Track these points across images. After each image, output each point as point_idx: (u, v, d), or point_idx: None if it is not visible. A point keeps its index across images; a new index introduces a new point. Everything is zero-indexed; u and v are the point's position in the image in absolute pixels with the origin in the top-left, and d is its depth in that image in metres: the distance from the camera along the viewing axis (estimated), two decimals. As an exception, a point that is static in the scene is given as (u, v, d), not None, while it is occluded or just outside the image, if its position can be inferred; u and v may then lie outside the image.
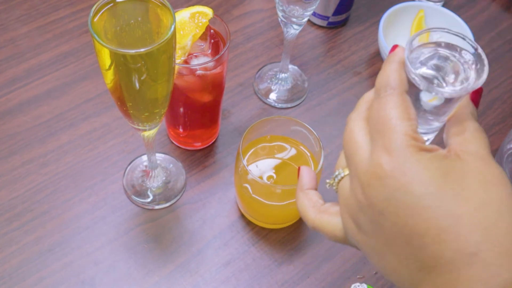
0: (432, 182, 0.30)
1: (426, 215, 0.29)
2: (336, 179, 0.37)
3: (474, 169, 0.31)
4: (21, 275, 0.56)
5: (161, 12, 0.44)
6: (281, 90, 0.74)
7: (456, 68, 0.37)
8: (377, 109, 0.34)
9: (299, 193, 0.41)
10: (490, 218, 0.29)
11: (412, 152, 0.31)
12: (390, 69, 0.35)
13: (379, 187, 0.31)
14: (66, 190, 0.63)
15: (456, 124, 0.35)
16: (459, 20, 0.76)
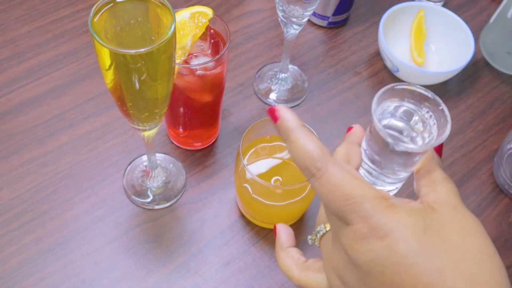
0: (414, 239, 0.31)
1: (412, 272, 0.30)
2: (318, 235, 0.38)
3: (449, 219, 0.33)
4: (21, 275, 0.56)
5: (161, 12, 0.44)
6: (281, 90, 0.74)
7: (423, 118, 0.39)
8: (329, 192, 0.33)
9: (279, 252, 0.42)
10: (471, 267, 0.31)
11: (389, 213, 0.32)
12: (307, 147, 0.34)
13: (363, 250, 0.32)
14: (66, 190, 0.63)
15: (425, 176, 0.36)
16: (459, 20, 0.76)
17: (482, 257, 0.31)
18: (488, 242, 0.33)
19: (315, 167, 0.33)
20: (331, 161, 0.33)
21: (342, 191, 0.32)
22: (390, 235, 0.31)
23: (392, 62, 0.73)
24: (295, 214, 0.61)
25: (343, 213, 0.32)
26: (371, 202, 0.32)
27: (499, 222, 0.65)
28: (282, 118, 0.35)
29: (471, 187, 0.67)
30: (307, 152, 0.34)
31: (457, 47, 0.76)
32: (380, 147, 0.38)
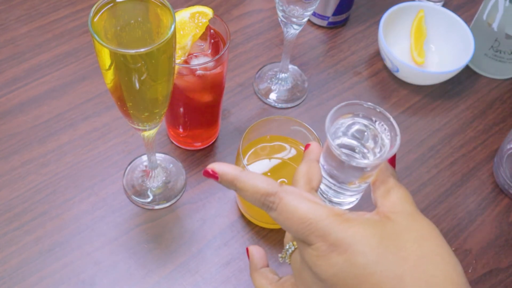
0: (372, 250, 0.33)
1: (373, 281, 0.32)
2: (287, 252, 0.40)
3: (405, 227, 0.34)
4: (21, 275, 0.56)
5: (161, 12, 0.44)
6: (281, 90, 0.74)
7: (374, 134, 0.41)
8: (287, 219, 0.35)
9: (254, 273, 0.43)
10: (428, 271, 0.32)
11: (345, 228, 0.33)
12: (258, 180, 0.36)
13: (326, 266, 0.33)
14: (66, 190, 0.63)
15: (379, 187, 0.38)
16: (459, 20, 0.76)
17: (438, 260, 0.33)
18: (443, 244, 0.34)
19: (270, 201, 0.35)
20: (282, 190, 0.36)
21: (297, 216, 0.34)
22: (348, 248, 0.33)
23: (392, 62, 0.73)
24: (295, 214, 0.61)
25: (302, 236, 0.34)
26: (326, 220, 0.34)
27: (499, 222, 0.65)
28: (220, 174, 0.37)
29: (471, 187, 0.67)
30: (258, 191, 0.36)
31: (457, 47, 0.76)
32: (337, 163, 0.40)
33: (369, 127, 0.42)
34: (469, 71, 0.80)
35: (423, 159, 0.69)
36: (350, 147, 0.42)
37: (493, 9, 0.73)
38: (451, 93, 0.77)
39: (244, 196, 0.37)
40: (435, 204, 0.65)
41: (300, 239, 0.35)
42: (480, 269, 0.61)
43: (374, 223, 0.35)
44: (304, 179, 0.40)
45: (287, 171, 0.58)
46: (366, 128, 0.42)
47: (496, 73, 0.79)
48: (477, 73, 0.80)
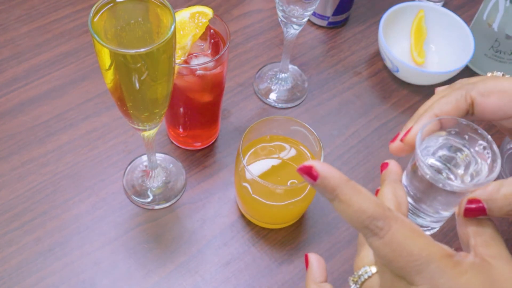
0: None
1: None
2: (362, 278, 0.36)
3: (507, 275, 0.32)
4: (21, 275, 0.56)
5: (161, 12, 0.44)
6: (281, 90, 0.74)
7: (466, 160, 0.37)
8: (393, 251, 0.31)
9: (312, 286, 0.39)
10: None
11: (456, 276, 0.31)
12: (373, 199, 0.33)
13: None
14: (66, 190, 0.63)
15: (474, 223, 0.35)
16: (459, 20, 0.76)
17: None
18: None
19: (377, 226, 0.31)
20: (393, 217, 0.31)
21: (407, 251, 0.31)
22: None
23: (392, 62, 0.73)
24: (295, 214, 0.61)
25: (407, 274, 0.31)
26: (438, 262, 0.31)
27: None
28: (322, 176, 0.32)
29: (471, 187, 0.67)
30: (365, 212, 0.32)
31: (457, 47, 0.76)
32: (424, 185, 0.37)
33: (462, 150, 0.37)
34: (469, 71, 0.80)
35: (423, 159, 0.69)
36: (436, 169, 0.38)
37: (493, 9, 0.73)
38: (451, 93, 0.77)
39: (342, 211, 0.32)
40: (435, 204, 0.65)
41: (402, 276, 0.32)
42: (480, 269, 0.61)
43: (480, 269, 0.32)
44: (394, 205, 0.36)
45: (287, 171, 0.58)
46: (458, 151, 0.37)
47: (496, 73, 0.79)
48: (477, 73, 0.80)
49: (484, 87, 0.37)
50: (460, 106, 0.38)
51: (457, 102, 0.37)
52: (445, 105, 0.38)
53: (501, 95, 0.36)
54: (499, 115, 0.37)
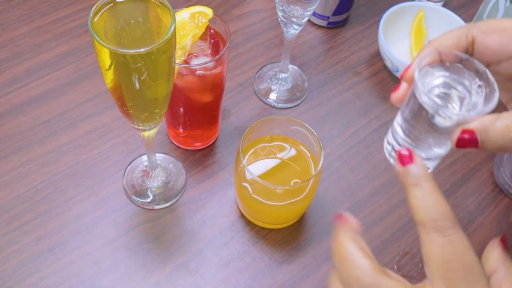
0: None
1: None
2: None
3: None
4: (21, 275, 0.56)
5: (161, 12, 0.44)
6: (281, 90, 0.74)
7: (463, 94, 0.36)
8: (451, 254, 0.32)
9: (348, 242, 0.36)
10: None
11: None
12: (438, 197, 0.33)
13: None
14: (66, 190, 0.63)
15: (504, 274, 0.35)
16: (459, 20, 0.76)
17: None
18: None
19: (446, 225, 0.31)
20: (459, 226, 0.32)
21: (465, 260, 0.31)
22: None
23: (392, 62, 0.73)
24: (295, 214, 0.61)
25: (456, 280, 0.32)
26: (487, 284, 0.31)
27: (499, 222, 0.65)
28: (417, 163, 0.33)
29: (471, 187, 0.67)
30: (441, 206, 0.32)
31: (457, 47, 0.76)
32: (419, 120, 0.36)
33: (458, 85, 0.37)
34: None
35: (423, 159, 0.69)
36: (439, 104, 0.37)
37: (493, 9, 0.73)
38: (451, 93, 0.77)
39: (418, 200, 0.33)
40: (435, 204, 0.65)
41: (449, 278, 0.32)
42: (480, 269, 0.61)
43: None
44: None
45: (287, 171, 0.58)
46: (454, 87, 0.37)
47: (496, 73, 0.79)
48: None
49: (485, 25, 0.36)
50: (461, 43, 0.37)
51: (458, 39, 0.37)
52: (446, 41, 0.37)
53: (503, 34, 0.36)
54: (500, 55, 0.37)
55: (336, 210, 0.64)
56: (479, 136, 0.33)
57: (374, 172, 0.67)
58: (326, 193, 0.65)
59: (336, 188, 0.66)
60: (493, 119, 0.33)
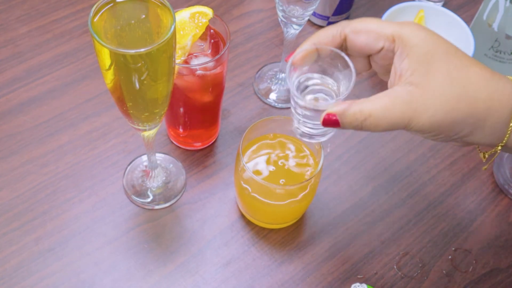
0: None
1: None
2: None
3: None
4: (21, 275, 0.56)
5: (161, 12, 0.44)
6: (281, 90, 0.74)
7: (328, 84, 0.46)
8: None
9: None
10: None
11: None
12: None
13: None
14: (66, 190, 0.63)
15: None
16: (459, 20, 0.76)
17: None
18: None
19: None
20: None
21: None
22: None
23: (392, 62, 0.73)
24: (295, 214, 0.61)
25: None
26: None
27: (499, 222, 0.65)
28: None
29: (471, 187, 0.67)
30: None
31: (457, 47, 0.76)
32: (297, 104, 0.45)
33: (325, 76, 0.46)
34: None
35: (423, 159, 0.69)
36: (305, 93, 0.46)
37: (493, 9, 0.73)
38: (451, 93, 0.77)
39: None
40: (435, 204, 0.65)
41: None
42: (480, 269, 0.61)
43: None
44: None
45: (287, 171, 0.58)
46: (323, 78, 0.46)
47: (496, 73, 0.79)
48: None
49: (355, 25, 0.43)
50: (335, 40, 0.44)
51: (332, 36, 0.44)
52: (323, 37, 0.44)
53: (369, 34, 0.43)
54: (366, 50, 0.44)
55: (336, 210, 0.64)
56: (339, 117, 0.41)
57: (374, 172, 0.67)
58: (326, 193, 0.65)
59: (336, 188, 0.66)
60: (349, 105, 0.41)
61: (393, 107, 0.40)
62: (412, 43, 0.41)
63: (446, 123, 0.40)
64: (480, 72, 0.41)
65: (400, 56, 0.42)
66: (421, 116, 0.40)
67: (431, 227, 0.63)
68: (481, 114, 0.40)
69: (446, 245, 0.62)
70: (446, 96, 0.40)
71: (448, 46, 0.42)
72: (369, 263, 0.60)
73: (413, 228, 0.63)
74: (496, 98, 0.41)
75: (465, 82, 0.41)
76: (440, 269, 0.60)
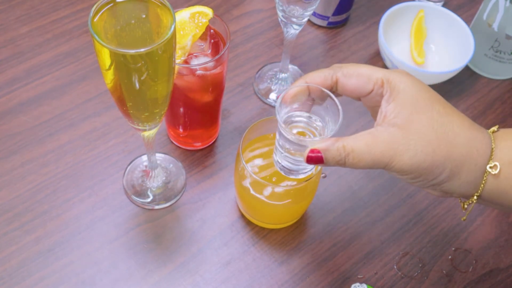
0: None
1: None
2: None
3: None
4: (21, 275, 0.56)
5: (161, 12, 0.44)
6: (281, 90, 0.74)
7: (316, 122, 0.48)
8: None
9: None
10: None
11: None
12: None
13: None
14: (66, 190, 0.63)
15: None
16: (459, 20, 0.76)
17: None
18: None
19: None
20: None
21: None
22: None
23: (392, 62, 0.73)
24: (295, 214, 0.61)
25: None
26: None
27: (499, 222, 0.65)
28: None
29: (471, 187, 0.67)
30: None
31: (457, 47, 0.77)
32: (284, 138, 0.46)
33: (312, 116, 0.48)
34: (469, 71, 0.80)
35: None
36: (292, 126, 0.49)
37: (493, 9, 0.73)
38: (451, 93, 0.77)
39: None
40: (435, 204, 0.65)
41: None
42: (480, 269, 0.61)
43: None
44: None
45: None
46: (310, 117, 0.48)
47: (496, 74, 0.79)
48: (477, 73, 0.80)
49: (347, 70, 0.45)
50: (327, 82, 0.46)
51: (325, 78, 0.46)
52: (315, 78, 0.46)
53: (359, 78, 0.45)
54: (356, 93, 0.46)
55: (336, 210, 0.64)
56: (323, 153, 0.42)
57: (374, 172, 0.67)
58: (326, 193, 0.65)
59: (336, 188, 0.66)
60: (333, 141, 0.42)
61: (375, 145, 0.41)
62: (399, 88, 0.43)
63: (426, 164, 0.41)
64: (461, 119, 0.43)
65: (388, 100, 0.43)
66: (401, 156, 0.41)
67: (431, 227, 0.63)
68: (459, 160, 0.42)
69: (446, 245, 0.62)
70: (427, 138, 0.41)
71: (432, 93, 0.44)
72: (369, 263, 0.60)
73: (413, 228, 0.63)
74: (474, 145, 0.42)
75: (446, 126, 0.42)
76: (440, 269, 0.60)
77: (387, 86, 0.44)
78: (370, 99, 0.45)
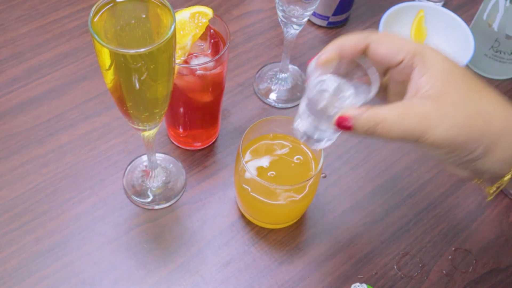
0: None
1: None
2: None
3: None
4: (21, 275, 0.56)
5: (161, 12, 0.44)
6: (281, 90, 0.74)
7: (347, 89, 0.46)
8: None
9: None
10: None
11: None
12: None
13: None
14: (66, 190, 0.63)
15: None
16: (459, 20, 0.76)
17: None
18: None
19: None
20: None
21: None
22: None
23: (392, 62, 0.73)
24: (295, 214, 0.61)
25: None
26: None
27: (499, 222, 0.65)
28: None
29: (471, 187, 0.67)
30: None
31: (457, 47, 0.76)
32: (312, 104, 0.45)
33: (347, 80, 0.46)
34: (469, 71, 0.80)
35: (423, 159, 0.69)
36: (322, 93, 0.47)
37: (493, 9, 0.73)
38: (451, 93, 0.77)
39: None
40: (435, 204, 0.65)
41: None
42: (480, 269, 0.61)
43: None
44: None
45: (288, 171, 0.58)
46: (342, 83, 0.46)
47: (496, 74, 0.79)
48: (477, 73, 0.80)
49: (379, 37, 0.44)
50: (358, 46, 0.44)
51: (356, 42, 0.44)
52: (347, 41, 0.45)
53: (391, 46, 0.43)
54: (386, 61, 0.44)
55: (336, 210, 0.64)
56: (353, 119, 0.40)
57: (374, 172, 0.67)
58: (326, 193, 0.65)
59: (336, 188, 0.66)
60: (364, 109, 0.40)
61: (407, 116, 0.39)
62: (432, 61, 0.42)
63: (461, 138, 0.39)
64: (496, 95, 0.42)
65: (420, 71, 0.42)
66: (436, 129, 0.39)
67: (431, 227, 0.63)
68: (496, 135, 0.40)
69: (446, 245, 0.62)
70: (464, 111, 0.40)
71: (466, 70, 0.43)
72: (369, 263, 0.60)
73: (413, 228, 0.63)
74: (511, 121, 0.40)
75: (482, 101, 0.41)
76: (440, 269, 0.61)
77: (419, 58, 0.42)
78: (399, 71, 0.44)
